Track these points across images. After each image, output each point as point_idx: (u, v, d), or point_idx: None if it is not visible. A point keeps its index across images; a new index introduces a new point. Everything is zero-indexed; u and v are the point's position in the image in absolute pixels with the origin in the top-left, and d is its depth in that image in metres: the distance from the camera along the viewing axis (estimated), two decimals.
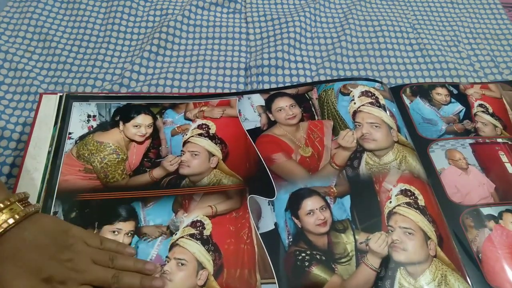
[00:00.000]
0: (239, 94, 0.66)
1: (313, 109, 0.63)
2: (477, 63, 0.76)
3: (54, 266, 0.42)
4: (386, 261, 0.49)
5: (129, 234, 0.51)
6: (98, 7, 0.81)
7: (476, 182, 0.58)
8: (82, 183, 0.54)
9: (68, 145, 0.57)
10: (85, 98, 0.63)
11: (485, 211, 0.55)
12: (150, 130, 0.60)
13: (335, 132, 0.61)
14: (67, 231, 0.46)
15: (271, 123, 0.62)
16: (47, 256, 0.43)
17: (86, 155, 0.56)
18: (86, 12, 0.80)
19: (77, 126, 0.59)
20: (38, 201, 0.51)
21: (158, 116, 0.62)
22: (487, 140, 0.63)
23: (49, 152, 0.56)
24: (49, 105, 0.61)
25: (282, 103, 0.64)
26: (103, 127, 0.60)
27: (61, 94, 0.62)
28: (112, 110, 0.62)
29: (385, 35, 0.79)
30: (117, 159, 0.57)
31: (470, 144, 0.62)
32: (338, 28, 0.80)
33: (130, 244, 0.50)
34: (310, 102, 0.64)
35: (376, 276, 0.48)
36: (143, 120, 0.61)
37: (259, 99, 0.65)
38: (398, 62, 0.76)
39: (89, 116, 0.61)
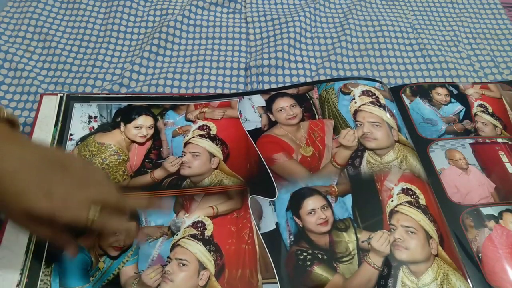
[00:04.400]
0: (240, 95, 0.66)
1: (314, 109, 0.64)
2: (477, 63, 0.76)
3: (56, 181, 0.40)
4: (389, 260, 0.49)
5: None
6: (98, 7, 0.81)
7: (476, 182, 0.58)
8: None
9: (70, 146, 0.57)
10: (86, 99, 0.63)
11: (485, 211, 0.55)
12: (151, 131, 0.60)
13: (336, 131, 0.61)
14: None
15: (272, 124, 0.62)
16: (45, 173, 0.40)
17: (87, 156, 0.56)
18: (86, 12, 0.80)
19: (78, 127, 0.59)
20: None
21: (159, 117, 0.62)
22: (487, 140, 0.63)
23: None
24: (50, 106, 0.61)
25: (283, 103, 0.64)
26: (104, 128, 0.60)
27: (62, 94, 0.62)
28: (113, 111, 0.62)
29: (385, 35, 0.79)
30: (118, 160, 0.57)
31: (470, 144, 0.62)
32: (338, 28, 0.81)
33: (131, 245, 0.50)
34: (311, 101, 0.64)
35: (379, 275, 0.48)
36: (144, 121, 0.61)
37: (259, 100, 0.65)
38: (398, 62, 0.76)
39: (90, 117, 0.61)
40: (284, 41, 0.76)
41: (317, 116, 0.63)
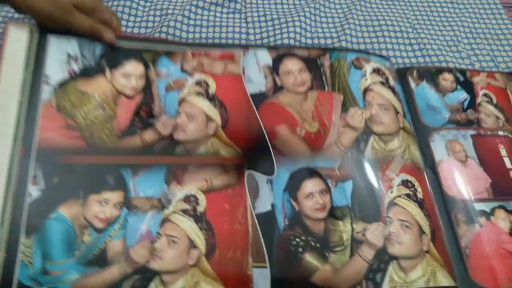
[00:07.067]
0: (245, 47, 0.59)
1: (324, 78, 0.58)
2: (477, 63, 0.75)
3: None
4: (380, 254, 0.49)
5: (118, 205, 0.46)
6: None
7: (473, 176, 0.58)
8: (64, 143, 0.47)
9: (46, 92, 0.49)
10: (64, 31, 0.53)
11: (478, 206, 0.56)
12: (141, 83, 0.53)
13: (344, 108, 0.57)
14: None
15: (277, 89, 0.57)
16: None
17: (67, 107, 0.49)
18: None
19: (55, 67, 0.51)
20: (12, 162, 0.44)
21: (151, 65, 0.55)
22: (488, 133, 0.62)
23: (21, 101, 0.48)
24: (18, 39, 0.51)
25: (291, 65, 0.58)
26: (87, 72, 0.52)
27: (33, 24, 0.52)
28: (97, 52, 0.53)
29: (385, 35, 0.76)
30: (103, 116, 0.50)
31: (472, 136, 0.61)
32: (338, 28, 0.77)
33: (118, 217, 0.46)
34: (321, 69, 0.59)
35: (369, 268, 0.48)
36: (134, 69, 0.53)
37: (266, 57, 0.58)
38: (398, 62, 0.73)
39: (69, 56, 0.52)
40: (284, 41, 0.72)
41: (326, 87, 0.58)
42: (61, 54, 0.51)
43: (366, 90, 0.58)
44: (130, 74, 0.53)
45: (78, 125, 0.49)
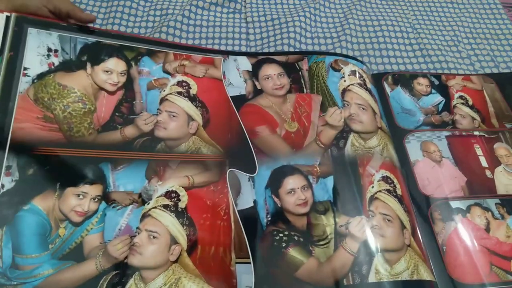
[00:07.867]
0: (225, 53, 0.60)
1: (302, 81, 0.60)
2: (477, 63, 0.76)
3: None
4: (364, 246, 0.49)
5: (96, 199, 0.45)
6: (98, 7, 0.75)
7: (448, 175, 0.59)
8: (41, 134, 0.46)
9: (24, 83, 0.48)
10: (44, 25, 0.52)
11: (454, 204, 0.57)
12: (123, 79, 0.53)
13: (323, 108, 0.58)
14: None
15: (257, 92, 0.57)
16: None
17: (45, 99, 0.48)
18: (86, 12, 0.69)
19: (35, 60, 0.50)
20: None
21: (132, 63, 0.54)
22: (463, 133, 0.64)
23: None
24: None
25: (270, 70, 0.59)
26: (67, 66, 0.51)
27: (9, 14, 0.50)
28: (78, 47, 0.53)
29: (385, 35, 0.77)
30: (83, 109, 0.49)
31: (446, 137, 0.63)
32: (338, 28, 0.78)
33: (97, 211, 0.44)
34: (300, 73, 0.60)
35: (353, 261, 0.48)
36: (115, 66, 0.53)
37: (245, 63, 0.59)
38: (398, 62, 0.75)
39: (49, 49, 0.51)
40: (284, 41, 0.73)
41: (305, 90, 0.59)
42: (42, 48, 0.51)
43: (344, 91, 0.59)
44: (111, 70, 0.52)
45: (56, 117, 0.47)
